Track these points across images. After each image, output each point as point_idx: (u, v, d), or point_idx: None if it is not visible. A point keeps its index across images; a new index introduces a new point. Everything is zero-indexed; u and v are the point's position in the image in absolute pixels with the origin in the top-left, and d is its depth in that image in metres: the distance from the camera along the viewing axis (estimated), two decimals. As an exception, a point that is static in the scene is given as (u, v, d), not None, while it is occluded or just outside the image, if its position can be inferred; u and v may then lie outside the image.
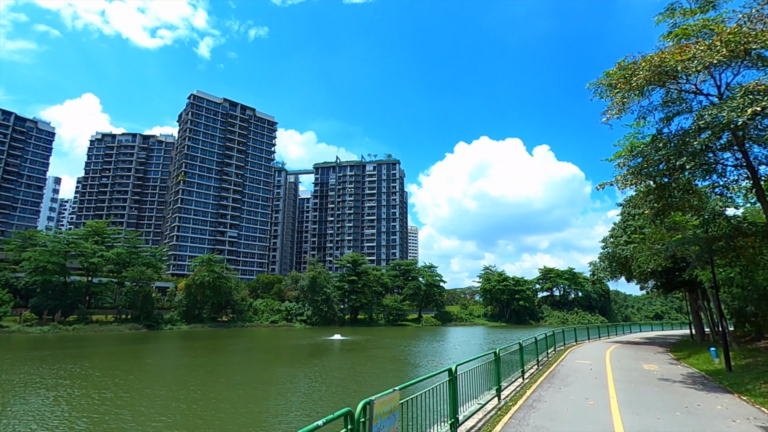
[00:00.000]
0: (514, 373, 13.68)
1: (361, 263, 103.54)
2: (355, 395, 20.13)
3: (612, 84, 10.27)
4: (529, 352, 16.13)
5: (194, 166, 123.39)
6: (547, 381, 13.86)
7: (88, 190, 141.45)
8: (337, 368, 29.14)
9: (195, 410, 17.62)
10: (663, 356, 22.21)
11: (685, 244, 14.12)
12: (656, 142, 10.35)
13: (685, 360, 20.04)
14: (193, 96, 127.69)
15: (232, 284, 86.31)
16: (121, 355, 37.00)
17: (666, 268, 22.48)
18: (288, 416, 16.89)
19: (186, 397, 19.95)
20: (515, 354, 13.95)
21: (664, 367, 17.90)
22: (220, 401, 19.18)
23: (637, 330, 47.55)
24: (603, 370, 16.16)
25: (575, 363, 18.39)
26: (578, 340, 29.75)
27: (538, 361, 17.24)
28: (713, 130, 8.83)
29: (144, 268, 76.29)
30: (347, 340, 54.91)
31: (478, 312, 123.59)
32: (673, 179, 10.49)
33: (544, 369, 16.57)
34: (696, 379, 14.63)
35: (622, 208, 26.88)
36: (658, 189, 10.95)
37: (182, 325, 77.17)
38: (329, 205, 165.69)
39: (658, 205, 11.39)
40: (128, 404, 18.63)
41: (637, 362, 19.22)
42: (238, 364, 32.91)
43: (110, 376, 25.65)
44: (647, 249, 17.48)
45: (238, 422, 15.94)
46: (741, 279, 18.25)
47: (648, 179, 10.65)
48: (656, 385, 13.45)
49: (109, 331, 65.70)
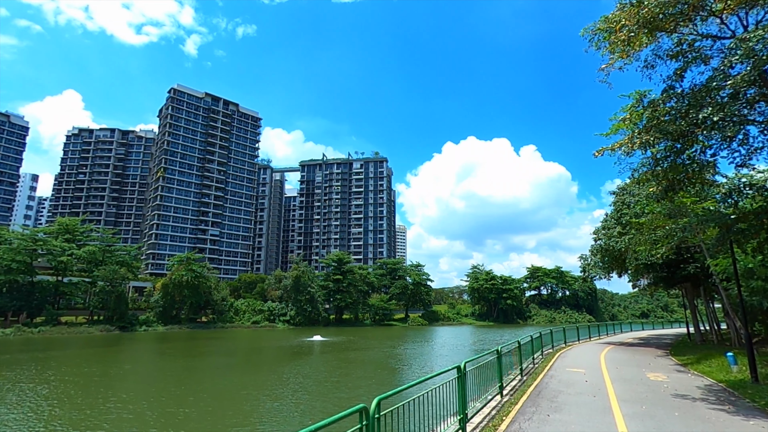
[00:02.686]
0: (490, 389, 11.04)
1: (347, 262, 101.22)
2: (311, 414, 18.01)
3: (613, 25, 8.29)
4: (515, 354, 13.97)
5: (174, 162, 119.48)
6: (530, 402, 10.78)
7: (64, 187, 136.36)
8: (305, 375, 26.48)
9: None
10: (665, 361, 19.72)
11: (707, 221, 11.64)
12: (669, 93, 8.43)
13: (693, 366, 17.41)
14: (174, 90, 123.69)
15: (212, 284, 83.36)
16: (80, 360, 34.21)
17: (667, 261, 20.46)
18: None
19: (118, 413, 17.54)
20: (495, 362, 11.22)
21: (672, 376, 15.18)
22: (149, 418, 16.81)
23: (627, 329, 45.88)
24: (601, 383, 13.52)
25: (566, 373, 15.62)
26: (567, 342, 27.44)
27: (521, 370, 14.49)
28: (755, 64, 6.84)
29: (117, 267, 73.01)
30: (328, 342, 52.68)
31: (466, 311, 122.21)
32: (689, 142, 8.52)
33: (530, 380, 13.90)
34: (720, 396, 11.82)
35: (615, 197, 24.93)
36: (672, 154, 8.93)
37: (158, 326, 74.10)
38: (316, 203, 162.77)
39: (671, 176, 9.32)
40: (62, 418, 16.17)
41: (639, 370, 16.58)
42: (200, 369, 30.39)
43: (46, 384, 23.05)
44: (646, 238, 15.32)
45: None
46: (765, 270, 16.01)
47: (662, 138, 8.58)
48: (674, 406, 10.47)
49: (77, 334, 62.45)
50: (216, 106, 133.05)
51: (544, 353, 20.62)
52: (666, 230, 13.64)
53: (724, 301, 15.65)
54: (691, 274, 20.57)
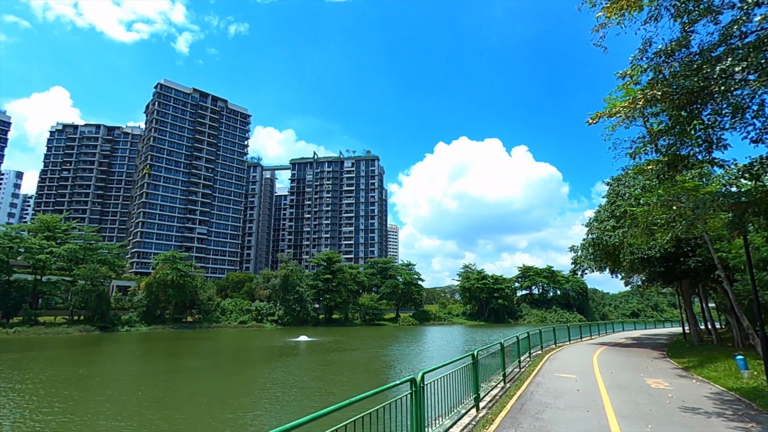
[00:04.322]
0: (466, 400, 9.28)
1: (336, 261, 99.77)
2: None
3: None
4: (498, 357, 12.63)
5: (161, 159, 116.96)
6: (510, 421, 8.79)
7: (47, 184, 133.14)
8: (274, 381, 24.58)
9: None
10: (663, 364, 18.07)
11: (724, 198, 10.12)
12: (681, 42, 7.23)
13: (696, 370, 15.57)
14: (161, 85, 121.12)
15: (198, 283, 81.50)
16: (50, 362, 32.46)
17: (666, 254, 19.25)
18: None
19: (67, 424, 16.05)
20: (471, 369, 9.50)
21: (675, 383, 13.40)
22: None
23: (619, 329, 44.81)
24: (596, 393, 11.75)
25: (555, 379, 13.88)
26: (558, 342, 26.17)
27: (504, 376, 12.80)
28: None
29: (99, 265, 70.91)
30: (313, 342, 51.26)
31: (457, 311, 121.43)
32: (701, 106, 7.32)
33: (513, 389, 12.15)
34: (736, 408, 9.95)
35: (609, 188, 23.73)
36: (679, 124, 7.69)
37: (141, 326, 72.17)
38: (306, 202, 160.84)
39: (677, 146, 8.05)
40: None
41: (636, 374, 14.89)
42: (163, 372, 28.84)
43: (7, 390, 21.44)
44: (642, 229, 13.93)
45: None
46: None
47: (670, 94, 7.30)
48: (685, 425, 8.55)
49: (55, 334, 60.43)
50: (204, 102, 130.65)
51: (533, 355, 19.24)
52: (674, 211, 11.98)
53: (730, 297, 14.28)
54: (692, 269, 19.18)
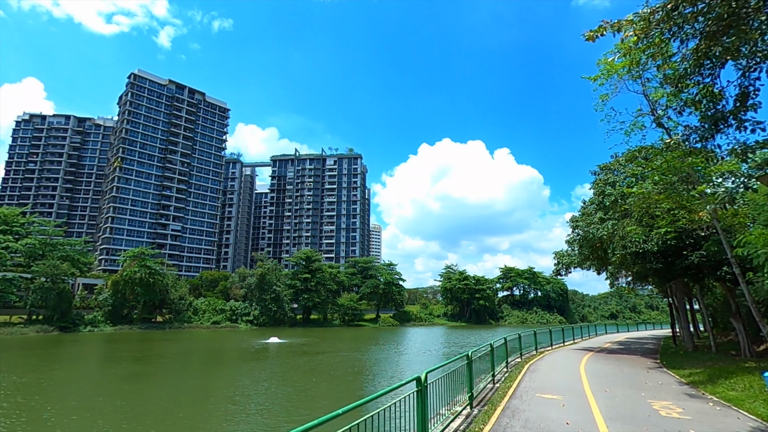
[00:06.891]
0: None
1: (316, 260, 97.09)
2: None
3: None
4: (469, 372, 9.83)
5: (133, 152, 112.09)
6: None
7: (11, 177, 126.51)
8: (214, 390, 21.97)
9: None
10: (662, 377, 15.00)
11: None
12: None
13: (706, 388, 12.47)
14: (134, 75, 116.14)
15: (169, 281, 77.96)
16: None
17: (665, 248, 17.34)
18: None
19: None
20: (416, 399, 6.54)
21: (689, 407, 10.08)
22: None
23: (601, 332, 43.25)
24: (591, 425, 8.55)
25: (537, 402, 10.50)
26: (539, 348, 23.73)
27: (472, 398, 9.84)
28: None
29: (59, 261, 66.77)
30: (285, 344, 48.74)
31: (438, 312, 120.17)
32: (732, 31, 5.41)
33: (481, 420, 8.93)
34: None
35: (597, 177, 21.67)
36: (708, 55, 5.74)
37: (106, 326, 68.43)
38: (287, 199, 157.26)
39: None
40: None
41: (636, 393, 11.75)
42: (101, 377, 26.13)
43: None
44: (637, 218, 11.94)
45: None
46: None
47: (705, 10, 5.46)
48: None
49: (9, 335, 56.44)
50: (181, 95, 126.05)
51: (510, 365, 16.74)
52: (684, 197, 9.79)
53: (748, 299, 12.42)
54: (694, 265, 17.16)
